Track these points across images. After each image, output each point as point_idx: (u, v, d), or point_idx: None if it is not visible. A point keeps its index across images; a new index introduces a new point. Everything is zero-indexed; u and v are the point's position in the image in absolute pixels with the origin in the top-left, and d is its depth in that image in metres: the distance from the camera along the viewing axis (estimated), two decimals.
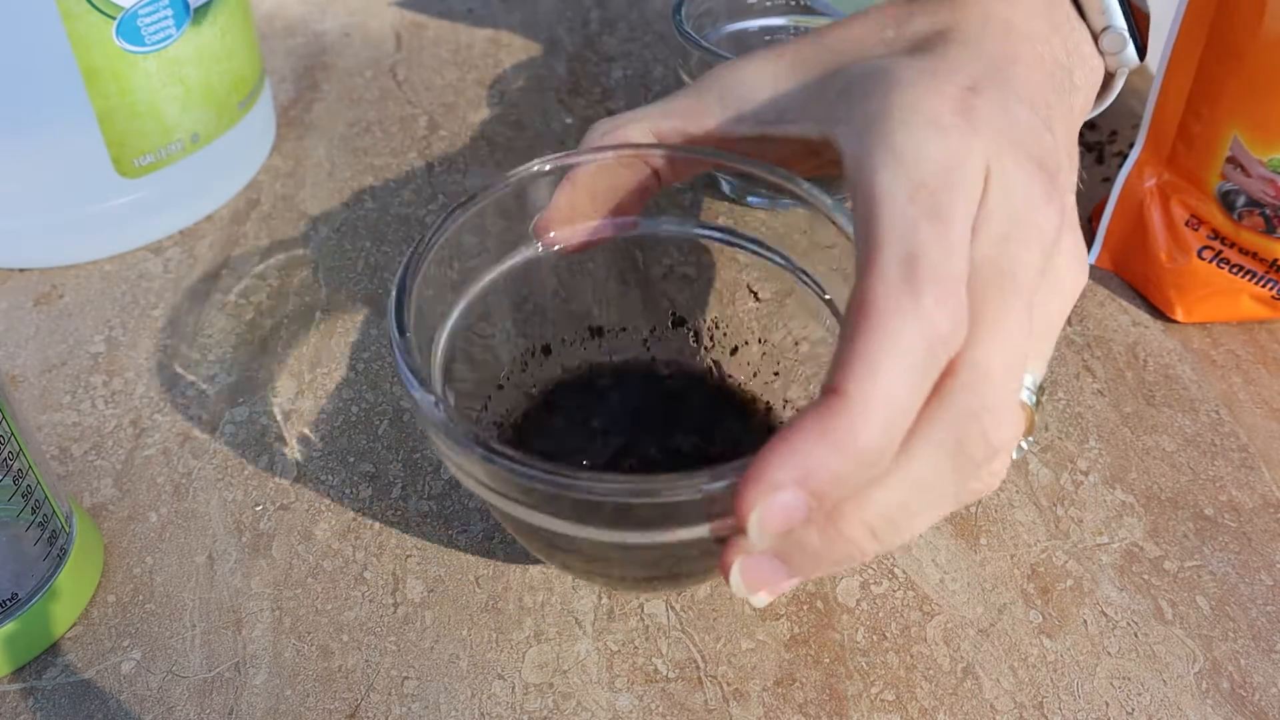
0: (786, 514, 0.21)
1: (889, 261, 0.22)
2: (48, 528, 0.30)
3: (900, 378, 0.21)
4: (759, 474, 0.21)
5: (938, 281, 0.21)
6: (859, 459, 0.21)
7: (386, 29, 0.60)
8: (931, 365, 0.21)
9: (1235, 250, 0.41)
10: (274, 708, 0.30)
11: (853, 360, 0.21)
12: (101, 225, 0.44)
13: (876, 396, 0.21)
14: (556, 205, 0.31)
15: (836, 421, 0.21)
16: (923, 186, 0.22)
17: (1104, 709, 0.30)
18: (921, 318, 0.21)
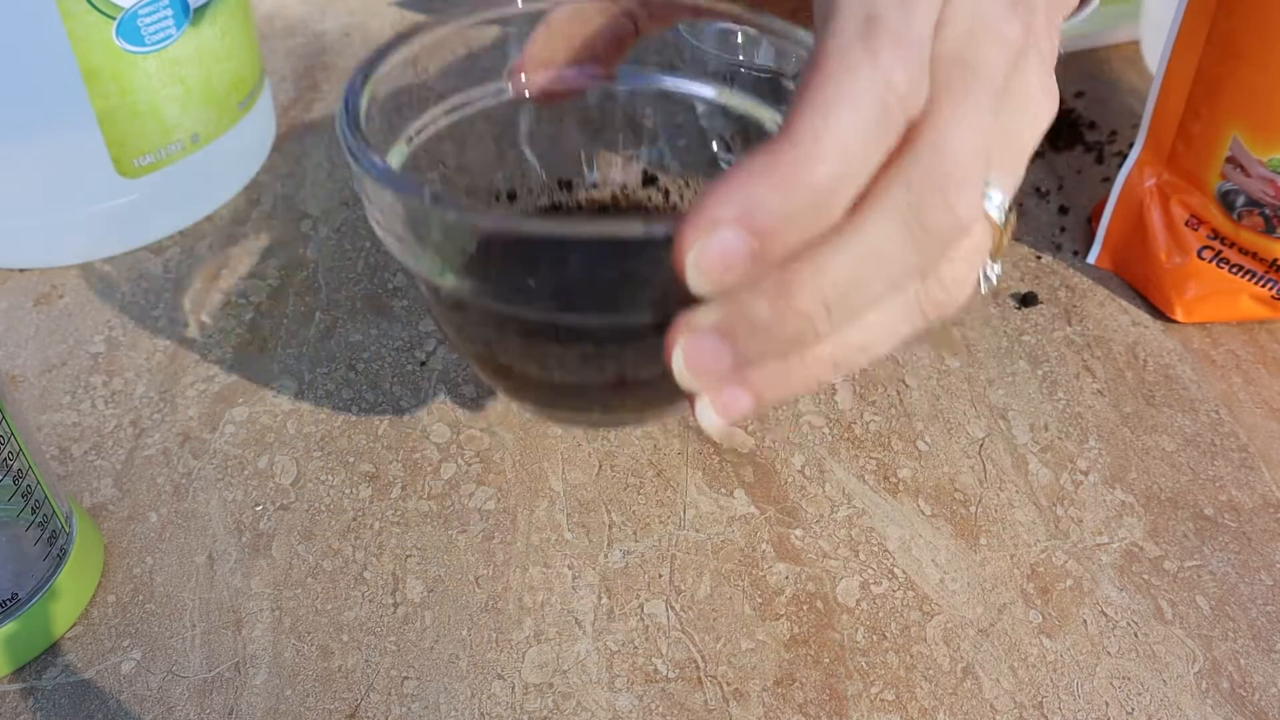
0: (726, 254, 0.20)
1: (848, 19, 0.21)
2: (48, 528, 0.30)
3: (852, 123, 0.20)
4: (700, 209, 0.20)
5: (896, 42, 0.20)
6: (805, 197, 0.20)
7: (386, 29, 0.60)
8: (887, 121, 0.20)
9: (1235, 250, 0.41)
10: (274, 708, 0.30)
11: (802, 105, 0.20)
12: (101, 225, 0.44)
13: (825, 135, 0.20)
14: (533, 47, 0.30)
15: (780, 157, 0.20)
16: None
17: (1104, 709, 0.30)
18: (878, 71, 0.20)
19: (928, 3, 0.22)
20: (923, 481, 0.36)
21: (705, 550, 0.34)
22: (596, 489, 0.36)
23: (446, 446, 0.37)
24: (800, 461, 0.37)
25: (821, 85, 0.20)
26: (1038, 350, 0.41)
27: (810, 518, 0.35)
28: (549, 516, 0.35)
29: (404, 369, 0.40)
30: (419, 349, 0.41)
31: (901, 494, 0.36)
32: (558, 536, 0.34)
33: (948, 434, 0.38)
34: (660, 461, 0.36)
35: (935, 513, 0.35)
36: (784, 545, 0.34)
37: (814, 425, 0.38)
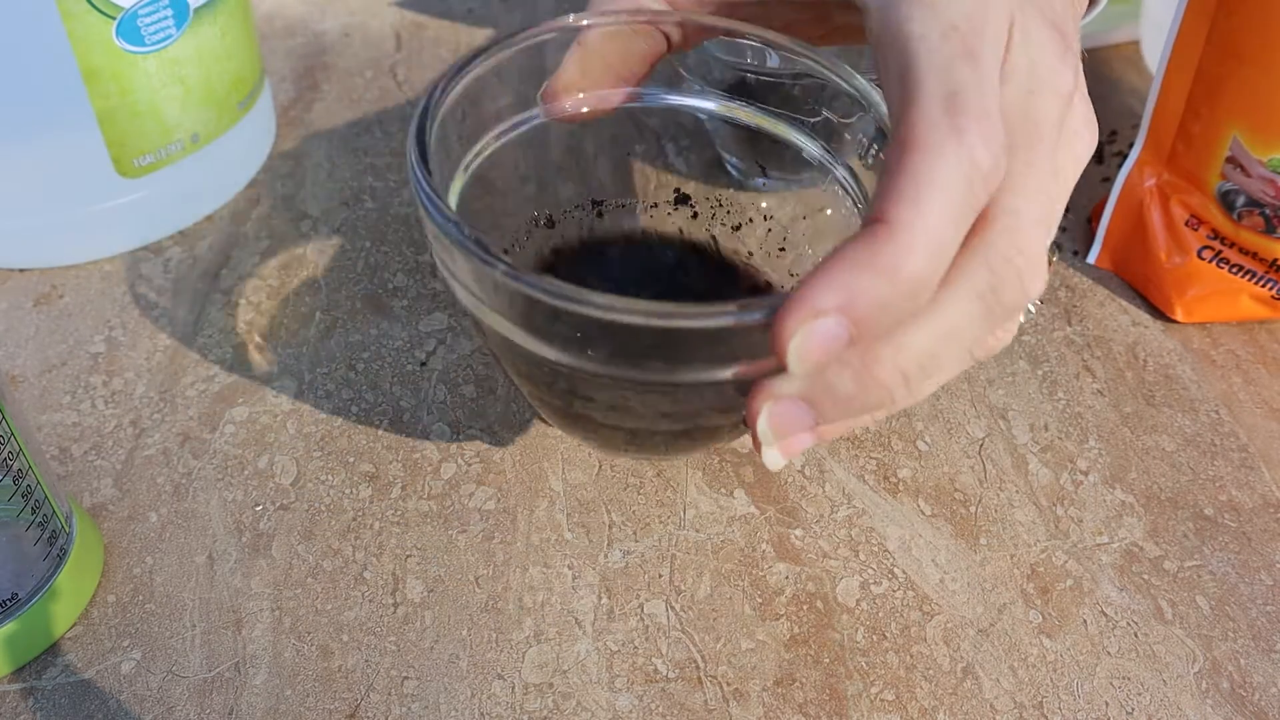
0: (827, 342, 0.21)
1: (931, 98, 0.22)
2: (48, 528, 0.30)
3: (944, 209, 0.21)
4: (803, 298, 0.21)
5: (979, 117, 0.21)
6: (904, 287, 0.21)
7: (386, 29, 0.60)
8: (972, 200, 0.22)
9: (1235, 250, 0.41)
10: (274, 708, 0.30)
11: (898, 191, 0.21)
12: (101, 225, 0.44)
13: (922, 225, 0.21)
14: (566, 70, 0.30)
15: (882, 248, 0.21)
16: (954, 28, 0.22)
17: (1104, 709, 0.30)
18: (964, 151, 0.21)
19: (994, 54, 0.23)
20: (923, 481, 0.36)
21: (705, 550, 0.34)
22: (596, 489, 0.36)
23: (446, 446, 0.37)
24: (800, 461, 0.37)
25: (913, 170, 0.21)
26: (1038, 350, 0.41)
27: (810, 518, 0.35)
28: (549, 516, 0.35)
29: (404, 369, 0.40)
30: (419, 349, 0.41)
31: (901, 494, 0.36)
32: (558, 536, 0.34)
33: (948, 434, 0.38)
34: (660, 461, 0.36)
35: (935, 513, 0.35)
36: (784, 545, 0.34)
37: None
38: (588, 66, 0.30)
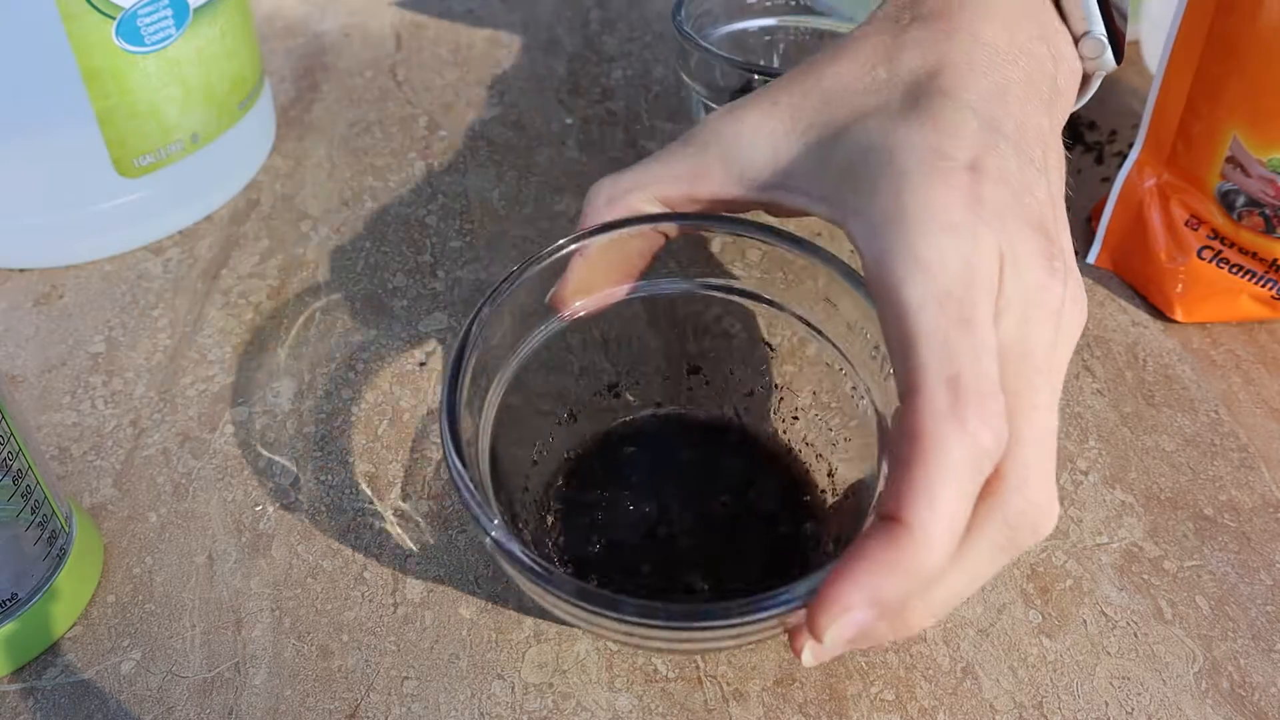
0: (857, 627, 0.23)
1: (934, 386, 0.23)
2: (47, 528, 0.30)
3: (956, 498, 0.23)
4: (832, 600, 0.23)
5: (980, 403, 0.23)
6: (923, 579, 0.23)
7: (386, 29, 0.60)
8: (979, 478, 0.24)
9: (1235, 250, 0.41)
10: (274, 708, 0.30)
11: (912, 490, 0.23)
12: (101, 225, 0.44)
13: (937, 524, 0.23)
14: (572, 280, 0.31)
15: (902, 552, 0.23)
16: (949, 295, 0.24)
17: (1104, 709, 0.30)
18: (969, 440, 0.23)
19: (987, 308, 0.24)
20: None
21: None
22: None
23: None
24: None
25: (924, 466, 0.23)
26: None
27: None
28: None
29: (404, 369, 0.40)
30: (419, 349, 0.41)
31: None
32: None
33: None
34: None
35: None
36: None
37: None
38: (593, 274, 0.32)
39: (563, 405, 0.35)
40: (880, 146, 0.27)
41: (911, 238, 0.25)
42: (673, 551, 0.32)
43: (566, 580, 0.25)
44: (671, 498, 0.34)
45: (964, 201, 0.25)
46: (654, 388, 0.36)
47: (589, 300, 0.32)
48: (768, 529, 0.33)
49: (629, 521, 0.33)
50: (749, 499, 0.34)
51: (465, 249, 0.45)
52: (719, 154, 0.30)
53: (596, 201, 0.32)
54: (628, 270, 0.32)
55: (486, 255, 0.45)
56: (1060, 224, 0.28)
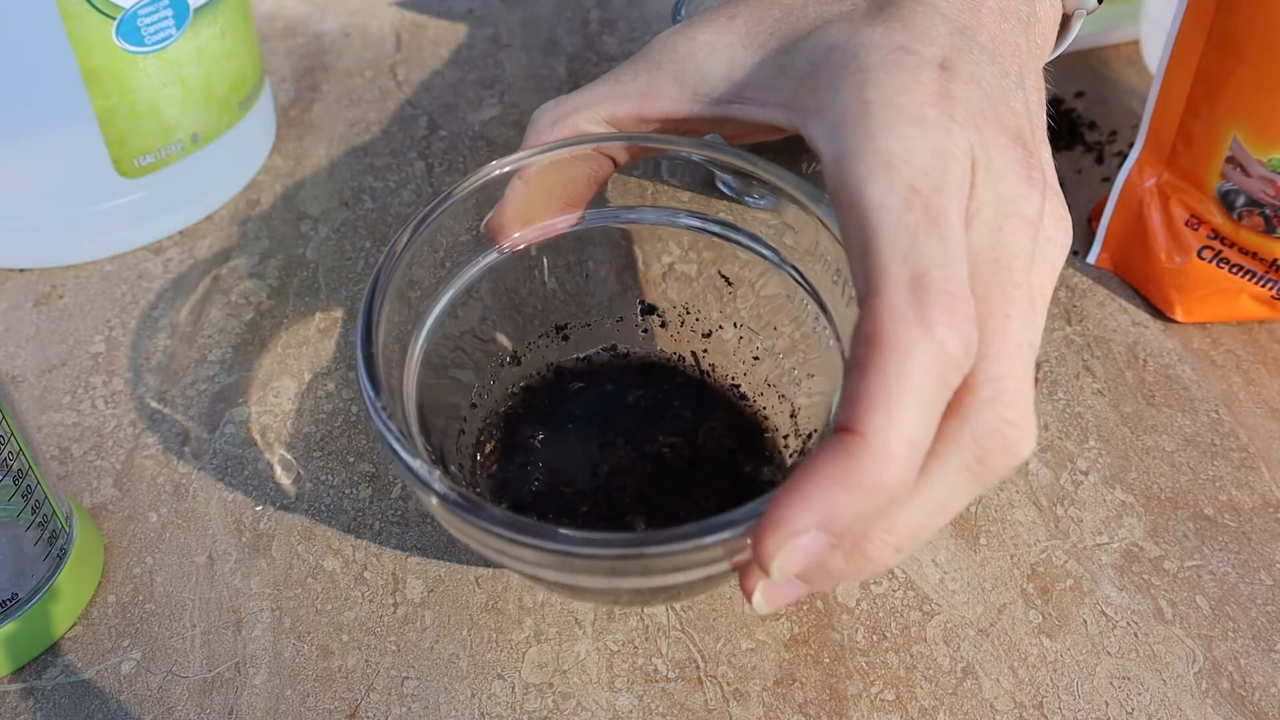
0: (807, 554, 0.21)
1: (896, 286, 0.21)
2: (48, 528, 0.30)
3: (918, 410, 0.21)
4: (777, 521, 0.21)
5: (948, 305, 0.21)
6: (881, 497, 0.21)
7: (386, 29, 0.60)
8: (945, 391, 0.21)
9: (1235, 250, 0.41)
10: (274, 708, 0.30)
11: (868, 398, 0.21)
12: (101, 225, 0.44)
13: (896, 434, 0.20)
14: (510, 205, 0.30)
15: (856, 464, 0.20)
16: (915, 192, 0.22)
17: (1104, 709, 0.30)
18: (934, 346, 0.21)
19: (958, 209, 0.22)
20: None
21: None
22: None
23: None
24: None
25: (883, 372, 0.21)
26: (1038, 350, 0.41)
27: None
28: None
29: None
30: None
31: None
32: None
33: None
34: None
35: None
36: None
37: None
38: (532, 199, 0.30)
39: (504, 347, 0.33)
40: (843, 46, 0.25)
41: (874, 132, 0.23)
42: (614, 493, 0.30)
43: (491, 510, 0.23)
44: (616, 439, 0.32)
45: (932, 97, 0.23)
46: (605, 329, 0.34)
47: (530, 230, 0.30)
48: (720, 472, 0.31)
49: (569, 462, 0.31)
50: (698, 440, 0.32)
51: None
52: (671, 70, 0.28)
53: (539, 124, 0.30)
54: (572, 197, 0.30)
55: None
56: (1040, 140, 0.26)
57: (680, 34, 0.29)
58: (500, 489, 0.31)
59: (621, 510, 0.30)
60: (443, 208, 0.28)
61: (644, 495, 0.31)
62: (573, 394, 0.33)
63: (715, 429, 0.32)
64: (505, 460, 0.32)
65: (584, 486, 0.31)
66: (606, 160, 0.30)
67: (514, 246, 0.31)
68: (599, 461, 0.32)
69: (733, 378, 0.34)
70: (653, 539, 0.22)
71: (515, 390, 0.33)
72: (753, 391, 0.33)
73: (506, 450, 0.32)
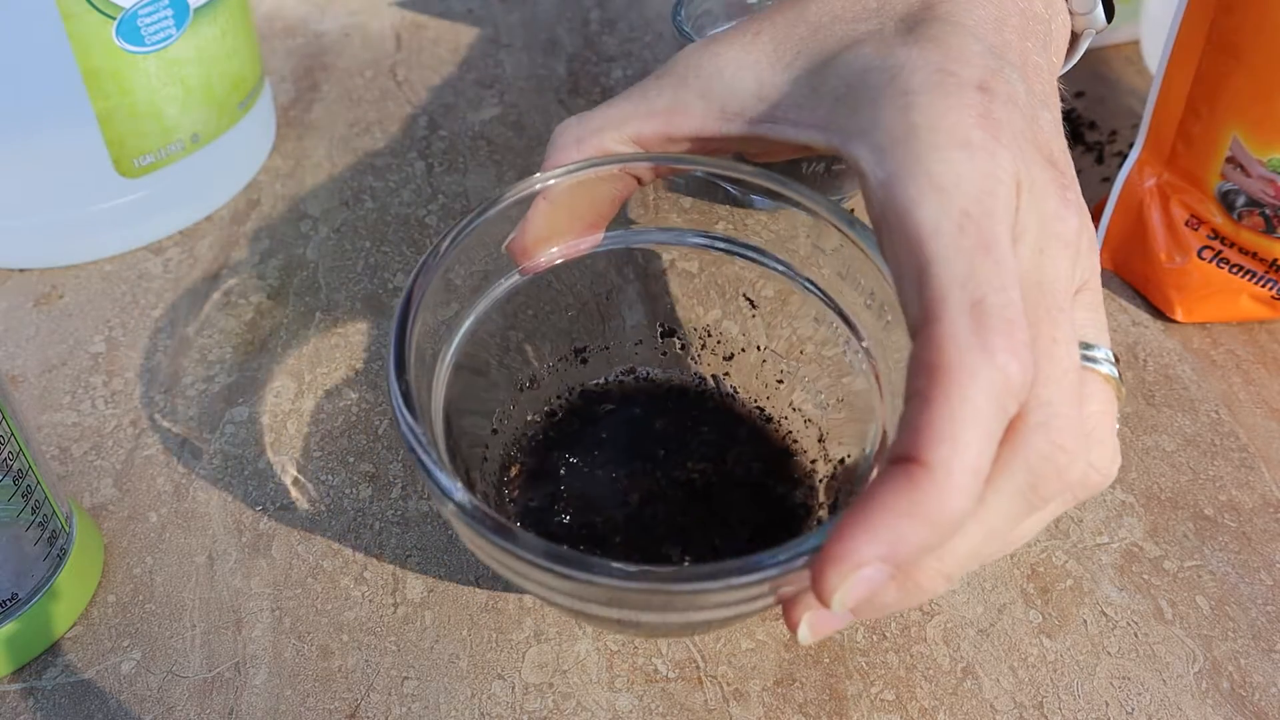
0: (870, 587, 0.21)
1: (956, 313, 0.21)
2: (48, 528, 0.30)
3: (981, 441, 0.21)
4: (843, 554, 0.21)
5: (1007, 331, 0.21)
6: (946, 529, 0.21)
7: (386, 29, 0.60)
8: (1004, 419, 0.21)
9: (1235, 250, 0.41)
10: (274, 708, 0.30)
11: (932, 427, 0.20)
12: (101, 225, 0.44)
13: (960, 465, 0.20)
14: (533, 226, 0.29)
15: (922, 495, 0.20)
16: (968, 216, 0.22)
17: (1104, 709, 0.30)
18: (996, 374, 0.21)
19: (1007, 233, 0.22)
20: None
21: None
22: None
23: None
24: None
25: (946, 402, 0.20)
26: None
27: None
28: None
29: None
30: None
31: None
32: None
33: None
34: None
35: None
36: None
37: None
38: (554, 218, 0.29)
39: (524, 370, 0.32)
40: (880, 67, 0.25)
41: (924, 156, 0.23)
42: (647, 521, 0.30)
43: (534, 540, 0.22)
44: (644, 466, 0.31)
45: (977, 120, 0.23)
46: (624, 352, 0.33)
47: (552, 251, 0.30)
48: (752, 497, 0.31)
49: (598, 491, 0.31)
50: (728, 466, 0.31)
51: None
52: (698, 88, 0.28)
53: (563, 141, 0.29)
54: (595, 217, 0.30)
55: None
56: (1067, 161, 0.26)
57: (705, 50, 0.28)
58: (528, 517, 0.30)
59: (657, 540, 0.30)
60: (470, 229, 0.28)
61: (677, 524, 0.30)
62: (597, 419, 0.33)
63: (744, 453, 0.32)
64: (532, 487, 0.31)
65: (616, 515, 0.31)
66: (631, 180, 0.29)
67: (535, 268, 0.30)
68: (628, 490, 0.31)
69: (757, 401, 0.33)
70: (706, 574, 0.22)
71: (537, 415, 0.32)
72: (778, 415, 0.33)
73: (532, 477, 0.31)
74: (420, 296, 0.27)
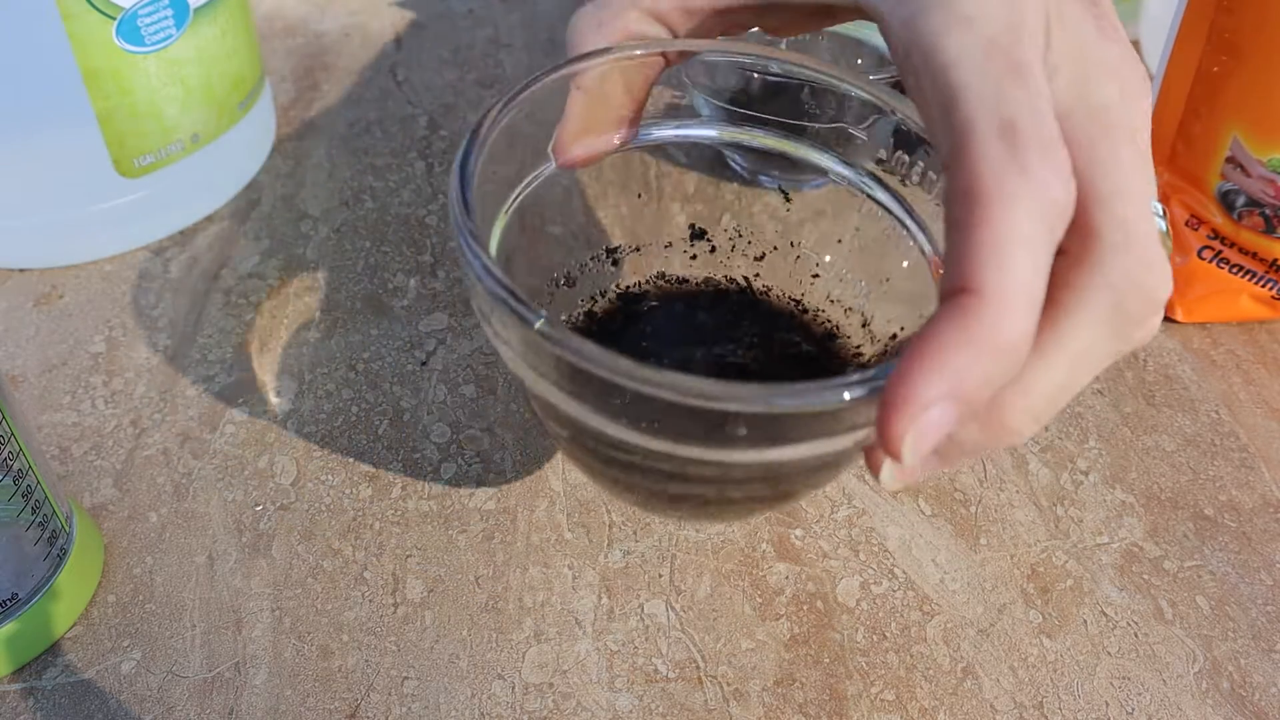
0: (939, 429, 0.20)
1: (986, 135, 0.20)
2: (48, 528, 0.30)
3: (1031, 261, 0.20)
4: (906, 395, 0.20)
5: (1043, 149, 0.20)
6: (1007, 356, 0.20)
7: (386, 29, 0.60)
8: (1051, 241, 0.20)
9: (1235, 250, 0.41)
10: (274, 708, 0.30)
11: (977, 253, 0.20)
12: (101, 225, 0.44)
13: (1012, 287, 0.19)
14: (571, 120, 0.28)
15: (977, 322, 0.19)
16: (994, 44, 0.21)
17: (1104, 709, 0.30)
18: (1036, 190, 0.20)
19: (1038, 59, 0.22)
20: (923, 481, 0.36)
21: (705, 550, 0.34)
22: (597, 489, 0.36)
23: (446, 446, 0.37)
24: None
25: (989, 226, 0.20)
26: None
27: (810, 517, 0.35)
28: (549, 516, 0.35)
29: (404, 369, 0.40)
30: (419, 349, 0.41)
31: (901, 494, 0.36)
32: (558, 536, 0.34)
33: None
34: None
35: (935, 513, 0.35)
36: (784, 545, 0.34)
37: None
38: (592, 109, 0.29)
39: (560, 268, 0.31)
40: None
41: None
42: None
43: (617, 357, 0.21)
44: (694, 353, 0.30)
45: None
46: (654, 254, 0.33)
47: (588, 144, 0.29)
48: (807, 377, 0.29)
49: None
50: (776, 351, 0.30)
51: None
52: None
53: (582, 28, 0.28)
54: (630, 105, 0.29)
55: None
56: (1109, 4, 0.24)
57: None
58: None
59: None
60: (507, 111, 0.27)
61: None
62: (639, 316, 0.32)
63: (791, 339, 0.31)
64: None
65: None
66: (659, 59, 0.29)
67: (572, 163, 0.29)
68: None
69: (792, 296, 0.32)
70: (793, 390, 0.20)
71: (577, 314, 0.31)
72: (814, 308, 0.32)
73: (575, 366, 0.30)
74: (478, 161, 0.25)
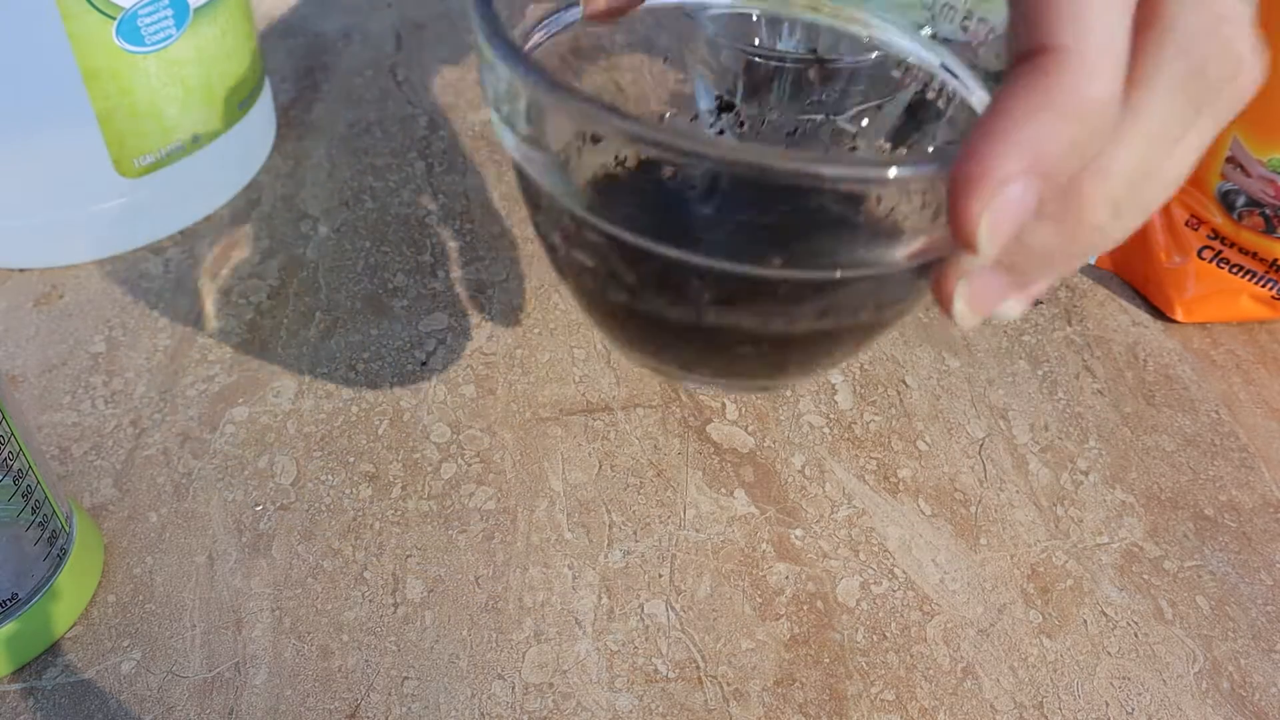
0: (1020, 210, 0.18)
1: None
2: (48, 528, 0.30)
3: (1113, 12, 0.17)
4: (980, 172, 0.17)
5: None
6: (1094, 119, 0.17)
7: (386, 29, 0.60)
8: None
9: (1235, 250, 0.41)
10: (274, 708, 0.30)
11: (1052, 8, 0.17)
12: (101, 225, 0.44)
13: (1095, 40, 0.17)
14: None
15: (1055, 82, 0.17)
16: None
17: (1104, 709, 0.30)
18: None
19: None
20: (923, 481, 0.36)
21: (705, 550, 0.34)
22: (596, 489, 0.36)
23: (446, 446, 0.37)
24: (800, 461, 0.37)
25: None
26: (1038, 350, 0.41)
27: (810, 518, 0.35)
28: (549, 516, 0.35)
29: (404, 369, 0.40)
30: (419, 349, 0.41)
31: (901, 494, 0.36)
32: (558, 536, 0.34)
33: (948, 434, 0.38)
34: (660, 461, 0.36)
35: (935, 513, 0.35)
36: (784, 545, 0.34)
37: (814, 425, 0.38)
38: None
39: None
40: None
41: None
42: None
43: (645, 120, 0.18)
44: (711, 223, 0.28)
45: None
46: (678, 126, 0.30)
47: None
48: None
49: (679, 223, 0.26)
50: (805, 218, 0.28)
51: (465, 249, 0.45)
52: None
53: None
54: None
55: (487, 255, 0.45)
56: None
57: None
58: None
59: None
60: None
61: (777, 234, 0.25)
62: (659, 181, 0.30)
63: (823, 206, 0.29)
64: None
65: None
66: None
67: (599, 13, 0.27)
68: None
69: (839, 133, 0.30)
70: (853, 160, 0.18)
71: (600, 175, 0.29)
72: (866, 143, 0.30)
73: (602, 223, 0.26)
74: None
